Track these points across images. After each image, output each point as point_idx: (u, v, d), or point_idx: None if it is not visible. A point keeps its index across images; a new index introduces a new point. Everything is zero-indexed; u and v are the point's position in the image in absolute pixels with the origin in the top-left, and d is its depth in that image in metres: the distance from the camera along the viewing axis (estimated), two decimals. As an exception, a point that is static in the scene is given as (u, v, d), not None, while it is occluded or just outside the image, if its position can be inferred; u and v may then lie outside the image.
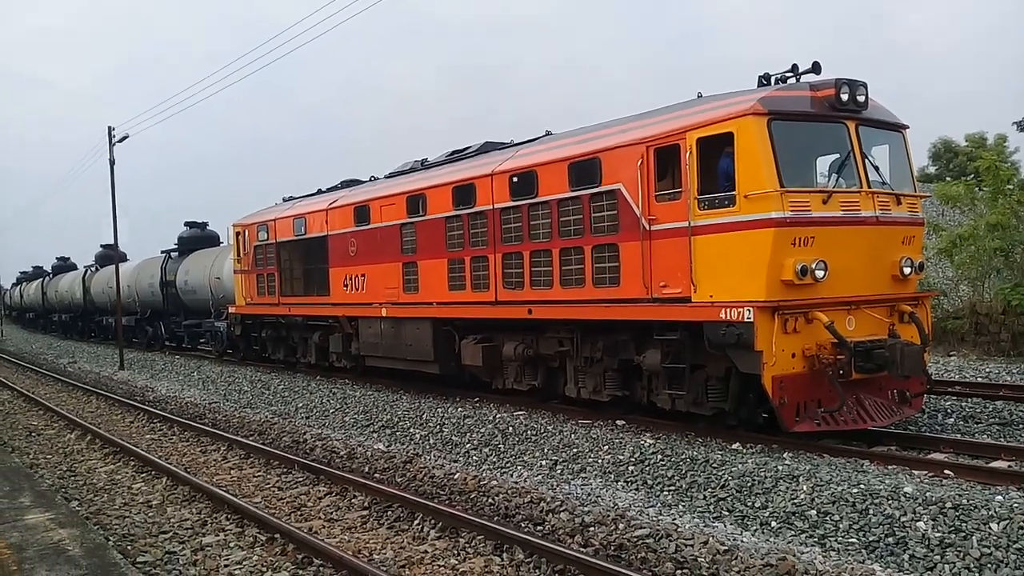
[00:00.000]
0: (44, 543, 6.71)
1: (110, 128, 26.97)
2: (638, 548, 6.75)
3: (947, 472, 7.86)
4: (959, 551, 6.11)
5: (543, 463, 9.62)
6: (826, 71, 9.36)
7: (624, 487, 8.54)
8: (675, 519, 7.45)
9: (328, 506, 8.85)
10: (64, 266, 48.63)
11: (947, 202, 21.25)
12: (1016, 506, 6.45)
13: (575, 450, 9.75)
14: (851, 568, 6.05)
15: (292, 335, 19.43)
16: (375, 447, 11.34)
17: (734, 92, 9.47)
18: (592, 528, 7.28)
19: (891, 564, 6.20)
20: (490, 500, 8.45)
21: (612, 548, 6.85)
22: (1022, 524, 6.16)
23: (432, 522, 7.85)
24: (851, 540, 6.61)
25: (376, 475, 9.97)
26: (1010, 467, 8.00)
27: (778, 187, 8.61)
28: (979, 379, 13.63)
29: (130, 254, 35.73)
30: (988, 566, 5.91)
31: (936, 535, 6.32)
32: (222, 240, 28.96)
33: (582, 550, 6.78)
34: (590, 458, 9.43)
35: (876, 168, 9.48)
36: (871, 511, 6.84)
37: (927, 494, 6.86)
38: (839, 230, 8.97)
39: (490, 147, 13.78)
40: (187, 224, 30.45)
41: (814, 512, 7.09)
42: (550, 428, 10.78)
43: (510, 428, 11.07)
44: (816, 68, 9.36)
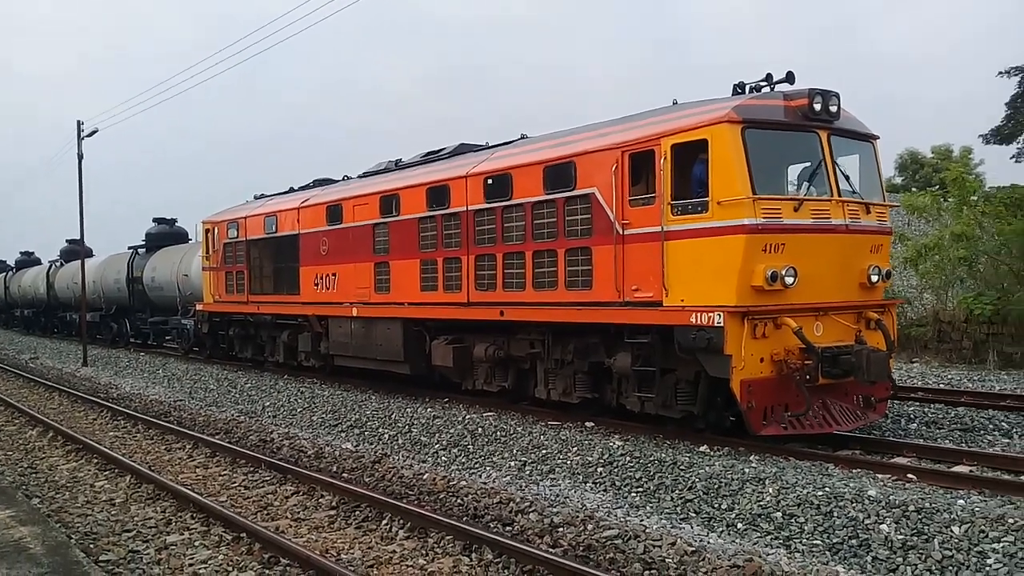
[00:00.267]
0: (4, 540, 6.56)
1: (79, 122, 26.51)
2: (607, 549, 6.78)
3: (910, 476, 8.00)
4: (921, 553, 6.21)
5: (512, 464, 9.62)
6: (807, 79, 9.51)
7: (593, 488, 8.58)
8: (643, 520, 7.49)
9: (295, 505, 8.77)
10: (28, 261, 47.64)
11: (913, 212, 21.69)
12: (977, 510, 6.58)
13: (544, 451, 9.77)
14: (816, 569, 6.13)
15: (260, 334, 19.25)
16: (343, 447, 11.27)
17: (709, 100, 9.57)
18: (561, 529, 7.30)
19: (855, 566, 6.28)
20: (459, 500, 8.44)
21: (581, 549, 6.87)
22: (983, 527, 6.28)
23: (401, 522, 7.82)
24: (816, 542, 6.70)
25: (344, 475, 9.90)
26: (971, 471, 8.15)
27: (750, 194, 8.71)
28: (941, 385, 13.90)
29: (96, 250, 35.12)
30: (949, 568, 6.01)
31: (899, 537, 6.43)
32: (191, 237, 28.59)
33: (551, 550, 6.80)
34: (559, 459, 9.45)
35: (847, 177, 9.62)
36: (835, 513, 6.94)
37: (890, 497, 6.97)
38: (809, 237, 9.10)
39: (465, 149, 13.78)
40: (155, 220, 30.04)
41: (780, 514, 7.18)
42: (520, 429, 10.79)
43: (480, 429, 11.06)
44: (790, 78, 9.47)
